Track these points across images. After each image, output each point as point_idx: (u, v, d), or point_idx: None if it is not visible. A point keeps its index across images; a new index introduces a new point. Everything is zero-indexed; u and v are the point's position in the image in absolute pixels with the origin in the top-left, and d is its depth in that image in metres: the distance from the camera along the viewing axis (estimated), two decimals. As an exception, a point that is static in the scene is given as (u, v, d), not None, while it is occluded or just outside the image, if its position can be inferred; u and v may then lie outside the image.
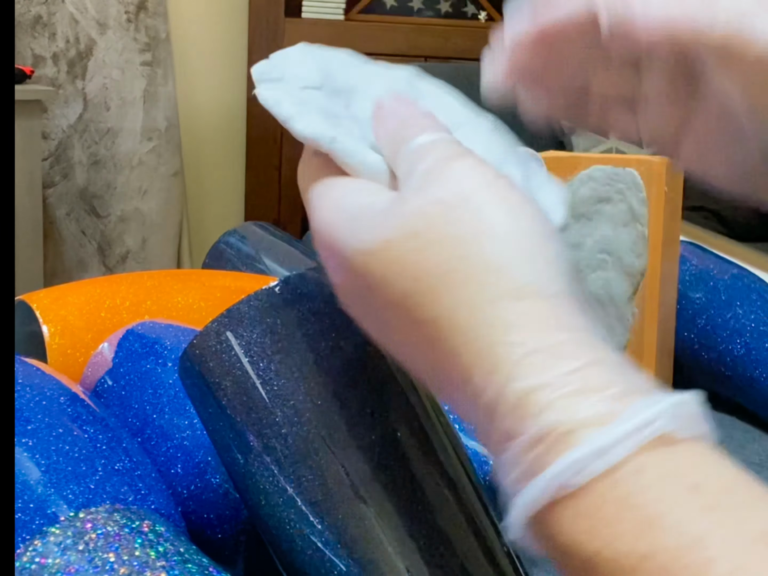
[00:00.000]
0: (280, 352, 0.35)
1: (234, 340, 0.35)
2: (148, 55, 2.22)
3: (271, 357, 0.35)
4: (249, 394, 0.35)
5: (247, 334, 0.35)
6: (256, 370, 0.35)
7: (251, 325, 0.35)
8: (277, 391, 0.34)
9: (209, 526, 0.42)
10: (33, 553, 0.33)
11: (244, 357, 0.35)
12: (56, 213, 2.16)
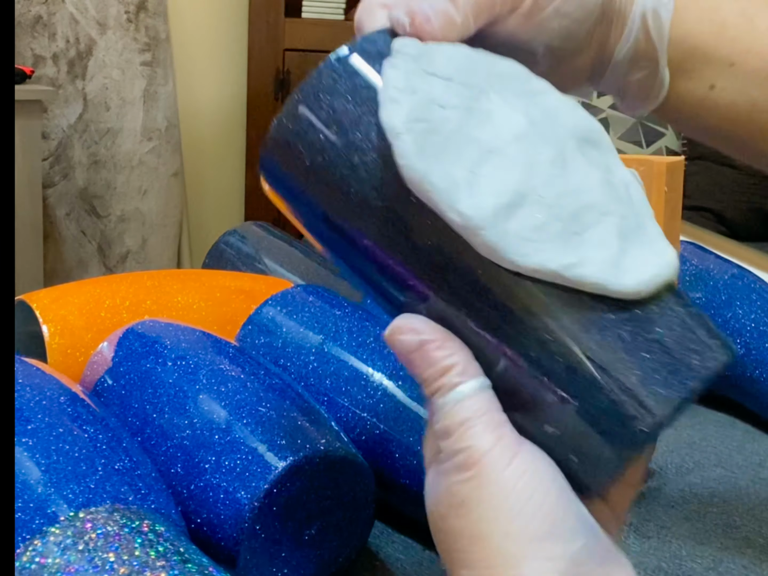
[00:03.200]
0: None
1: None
2: (148, 55, 2.22)
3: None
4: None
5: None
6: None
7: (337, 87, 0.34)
8: None
9: (209, 526, 0.42)
10: (33, 552, 0.33)
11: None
12: (56, 213, 2.16)
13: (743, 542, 0.52)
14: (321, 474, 0.43)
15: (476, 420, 0.31)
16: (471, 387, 0.31)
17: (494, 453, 0.30)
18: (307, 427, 0.43)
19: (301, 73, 2.34)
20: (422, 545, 0.49)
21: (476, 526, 0.30)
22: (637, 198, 0.34)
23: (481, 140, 0.31)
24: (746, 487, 0.59)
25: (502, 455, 0.30)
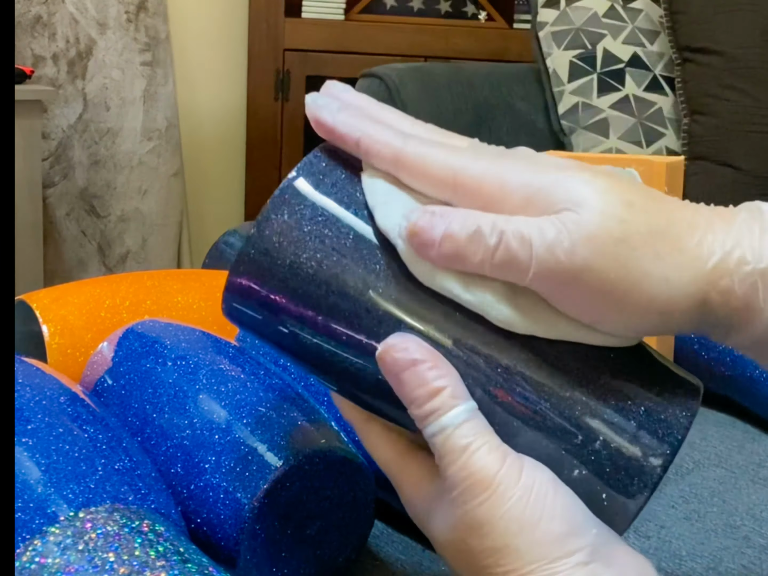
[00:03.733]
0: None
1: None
2: (148, 55, 2.22)
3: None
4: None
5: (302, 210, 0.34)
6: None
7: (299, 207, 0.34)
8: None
9: (209, 526, 0.42)
10: (33, 552, 0.33)
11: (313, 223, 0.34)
12: (56, 213, 2.16)
13: (743, 542, 0.52)
14: (321, 474, 0.42)
15: (477, 443, 0.32)
16: (464, 410, 0.32)
17: (503, 472, 0.31)
18: (307, 427, 0.43)
19: (301, 73, 2.34)
20: (422, 545, 0.49)
21: (502, 540, 0.31)
22: None
23: None
24: (746, 487, 0.59)
25: (510, 473, 0.32)
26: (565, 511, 0.31)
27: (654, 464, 0.32)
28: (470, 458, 0.32)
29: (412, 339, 0.33)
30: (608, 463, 0.32)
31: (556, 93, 1.69)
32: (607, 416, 0.32)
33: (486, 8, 2.47)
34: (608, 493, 0.32)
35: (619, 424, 0.32)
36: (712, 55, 1.55)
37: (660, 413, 0.33)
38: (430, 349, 0.33)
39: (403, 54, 2.31)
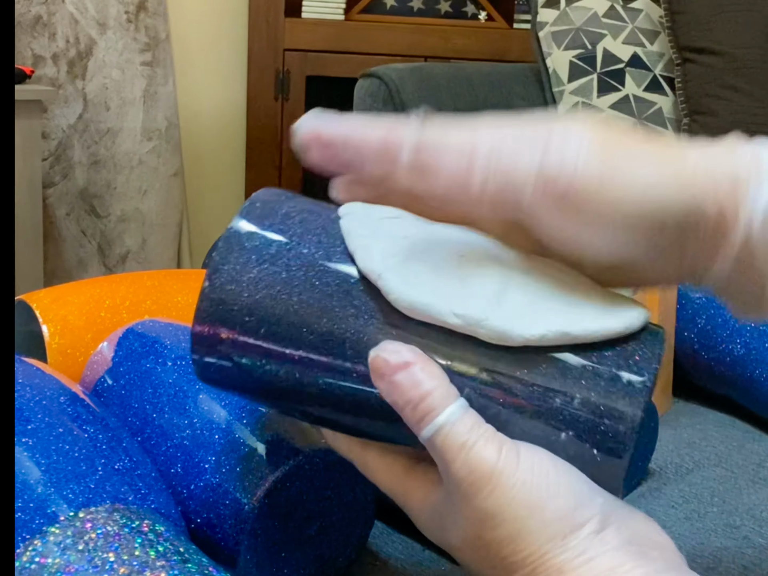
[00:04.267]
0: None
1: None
2: (148, 55, 2.22)
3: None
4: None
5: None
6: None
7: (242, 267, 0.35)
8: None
9: (209, 526, 0.42)
10: (33, 552, 0.33)
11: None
12: (56, 213, 2.16)
13: (743, 542, 0.52)
14: (321, 474, 0.43)
15: (473, 437, 0.33)
16: (457, 407, 0.33)
17: (502, 461, 0.32)
18: (307, 427, 0.43)
19: (301, 73, 2.34)
20: (422, 545, 0.49)
21: (514, 526, 0.32)
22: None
23: (451, 251, 0.35)
24: (746, 487, 0.59)
25: (509, 460, 0.32)
26: (568, 486, 0.32)
27: (631, 413, 0.33)
28: (469, 454, 0.32)
29: (401, 343, 0.34)
30: (589, 418, 0.33)
31: (556, 93, 1.69)
32: (579, 377, 0.34)
33: (486, 8, 2.47)
34: (598, 449, 0.33)
35: (592, 382, 0.34)
36: (712, 55, 1.55)
37: (628, 360, 0.34)
38: (418, 351, 0.34)
39: (403, 54, 2.31)
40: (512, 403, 0.34)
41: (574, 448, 0.34)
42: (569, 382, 0.34)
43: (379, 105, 1.62)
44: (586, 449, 0.34)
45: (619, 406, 0.33)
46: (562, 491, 0.32)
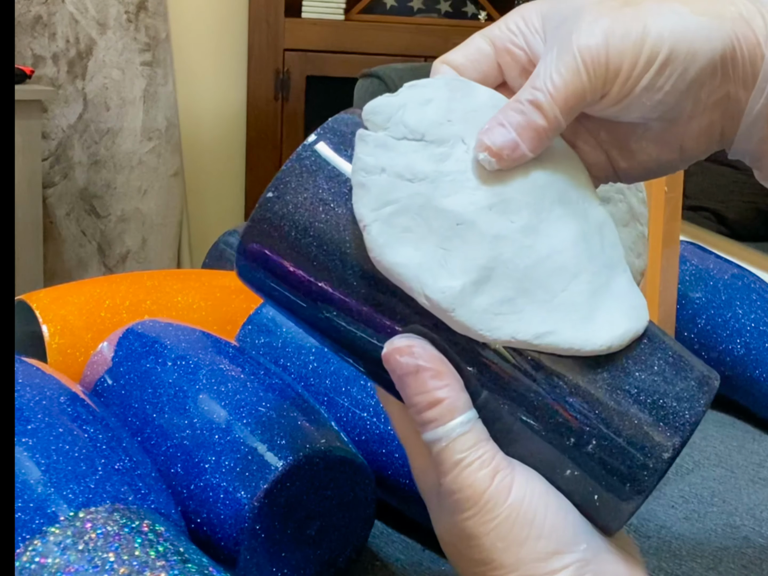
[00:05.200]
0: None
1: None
2: (148, 55, 2.22)
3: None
4: None
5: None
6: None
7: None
8: None
9: (209, 526, 0.42)
10: (33, 552, 0.33)
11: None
12: (56, 213, 2.16)
13: (743, 542, 0.52)
14: (321, 474, 0.43)
15: (470, 458, 0.32)
16: (461, 423, 0.32)
17: (492, 490, 0.32)
18: (307, 427, 0.43)
19: (301, 73, 2.34)
20: (422, 545, 0.49)
21: (489, 555, 0.32)
22: (610, 243, 0.34)
23: (450, 212, 0.31)
24: (746, 487, 0.59)
25: (500, 490, 0.32)
26: (553, 530, 0.32)
27: (648, 471, 0.32)
28: (461, 473, 0.32)
29: (418, 342, 0.32)
30: (599, 466, 0.32)
31: (556, 93, 1.68)
32: (603, 420, 0.32)
33: (486, 8, 2.47)
34: (600, 495, 0.32)
35: (615, 428, 0.32)
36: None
37: (660, 418, 0.32)
38: (435, 355, 0.32)
39: (403, 54, 2.31)
40: (523, 417, 0.32)
41: (580, 484, 0.32)
42: (592, 417, 0.32)
43: (379, 105, 1.62)
44: (592, 489, 0.32)
45: (639, 456, 0.32)
46: (545, 532, 0.31)
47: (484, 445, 0.32)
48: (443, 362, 0.32)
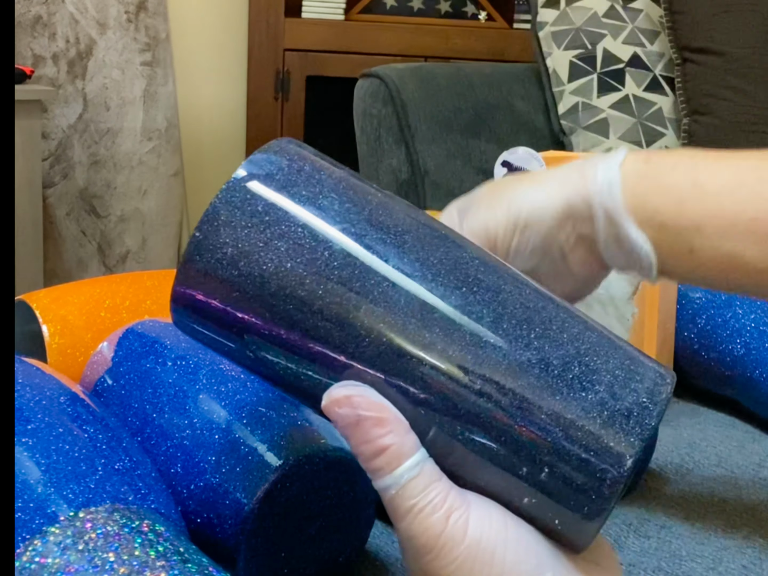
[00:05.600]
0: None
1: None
2: (148, 55, 2.22)
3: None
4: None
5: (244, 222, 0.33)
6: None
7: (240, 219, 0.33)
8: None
9: (209, 526, 0.42)
10: (33, 552, 0.33)
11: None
12: (56, 213, 2.16)
13: (743, 542, 0.52)
14: (321, 474, 0.43)
15: (421, 503, 0.32)
16: (408, 468, 0.32)
17: (447, 533, 0.31)
18: (307, 427, 0.43)
19: (301, 73, 2.34)
20: (422, 545, 0.49)
21: None
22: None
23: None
24: (746, 487, 0.59)
25: (455, 532, 0.31)
26: (515, 564, 0.31)
27: (602, 493, 0.31)
28: (414, 520, 0.32)
29: (357, 390, 0.32)
30: (554, 491, 0.31)
31: (556, 93, 1.69)
32: (553, 445, 0.31)
33: (486, 8, 2.47)
34: (560, 519, 0.32)
35: (565, 452, 0.31)
36: (712, 55, 1.55)
37: (609, 437, 0.31)
38: (374, 402, 0.32)
39: (403, 54, 2.31)
40: (476, 451, 0.32)
41: (540, 509, 0.32)
42: (542, 444, 0.31)
43: (379, 105, 1.62)
44: (552, 513, 0.32)
45: (591, 479, 0.31)
46: (506, 569, 0.31)
47: (436, 487, 0.32)
48: (384, 407, 0.32)
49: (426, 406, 0.32)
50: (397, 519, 0.32)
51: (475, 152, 1.61)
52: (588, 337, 0.33)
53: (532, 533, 0.32)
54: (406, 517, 0.32)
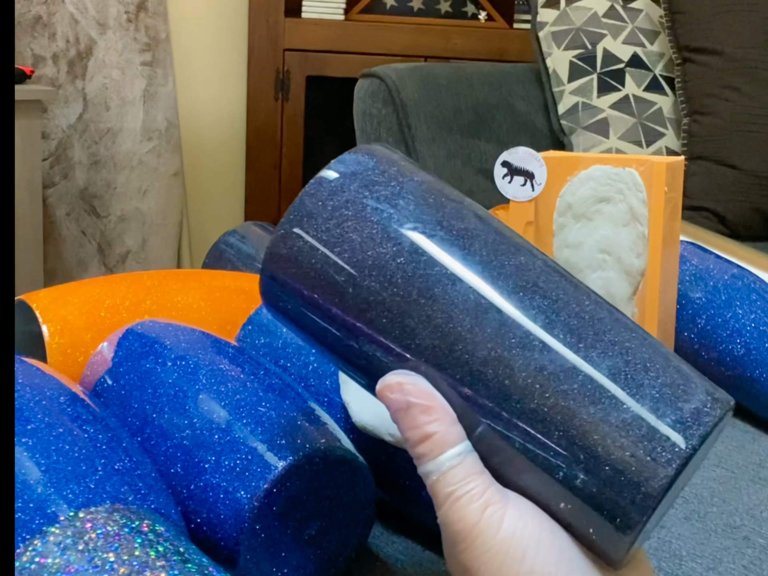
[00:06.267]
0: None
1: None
2: (148, 55, 2.22)
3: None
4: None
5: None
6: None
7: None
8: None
9: (209, 526, 0.42)
10: (33, 552, 0.33)
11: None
12: (56, 213, 2.16)
13: (743, 542, 0.52)
14: (321, 474, 0.43)
15: (460, 491, 0.32)
16: (451, 456, 0.33)
17: (482, 524, 0.32)
18: (307, 427, 0.43)
19: (301, 73, 2.34)
20: (422, 546, 0.49)
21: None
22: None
23: None
24: (746, 487, 0.59)
25: (490, 524, 0.32)
26: (546, 560, 0.32)
27: (636, 507, 0.31)
28: (451, 507, 0.32)
29: (409, 379, 0.34)
30: (589, 500, 0.32)
31: (556, 93, 1.69)
32: (590, 452, 0.32)
33: (486, 8, 2.47)
34: (595, 528, 0.32)
35: (602, 463, 0.32)
36: (712, 55, 1.55)
37: (647, 452, 0.32)
38: (425, 391, 0.33)
39: (403, 54, 2.31)
40: (519, 453, 0.33)
41: (575, 517, 0.32)
42: (578, 451, 0.32)
43: (379, 105, 1.62)
44: (586, 522, 0.32)
45: (627, 491, 0.31)
46: (536, 569, 0.31)
47: (475, 478, 0.33)
48: (434, 397, 0.33)
49: (473, 402, 0.33)
50: (437, 505, 0.33)
51: (475, 152, 1.61)
52: (641, 351, 0.34)
53: (567, 539, 0.33)
54: (444, 503, 0.33)
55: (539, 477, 0.33)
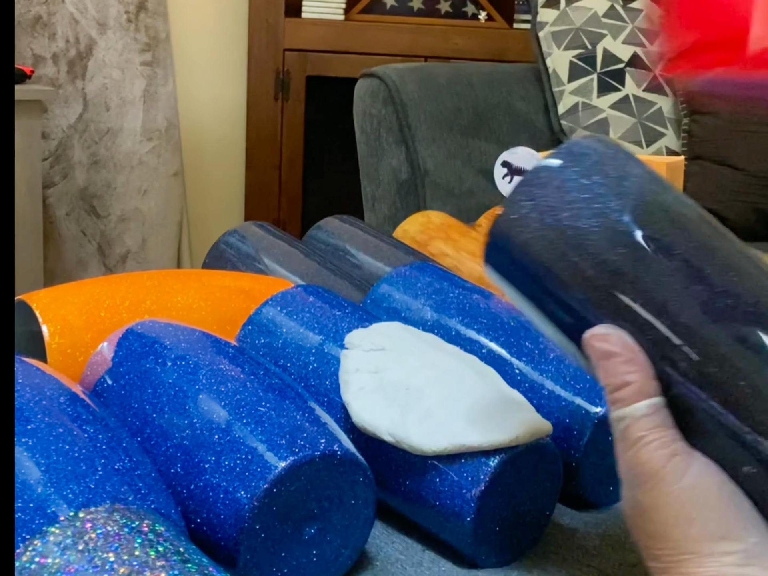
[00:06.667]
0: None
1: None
2: (148, 55, 2.22)
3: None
4: None
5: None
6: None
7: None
8: None
9: (209, 526, 0.42)
10: (33, 552, 0.33)
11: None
12: (56, 213, 2.16)
13: (743, 542, 0.52)
14: (321, 474, 0.43)
15: (650, 437, 0.35)
16: (645, 406, 0.35)
17: (667, 469, 0.34)
18: (307, 427, 0.43)
19: (301, 73, 2.34)
20: (422, 545, 0.49)
21: (660, 528, 0.34)
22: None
23: (401, 385, 0.48)
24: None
25: (675, 471, 0.34)
26: (723, 516, 0.33)
27: None
28: (640, 450, 0.35)
29: (615, 332, 0.36)
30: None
31: (556, 93, 1.69)
32: None
33: (486, 8, 2.47)
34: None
35: None
36: (712, 55, 1.55)
37: None
38: (628, 345, 0.36)
39: (403, 54, 2.31)
40: (709, 414, 0.34)
41: (757, 482, 0.34)
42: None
43: (379, 105, 1.62)
44: (764, 483, 0.34)
45: None
46: (713, 517, 0.33)
47: (665, 429, 0.35)
48: (636, 352, 0.36)
49: (671, 365, 0.35)
50: (625, 449, 0.35)
51: (475, 152, 1.61)
52: None
53: (746, 502, 0.34)
54: (633, 446, 0.35)
55: (726, 441, 0.34)
